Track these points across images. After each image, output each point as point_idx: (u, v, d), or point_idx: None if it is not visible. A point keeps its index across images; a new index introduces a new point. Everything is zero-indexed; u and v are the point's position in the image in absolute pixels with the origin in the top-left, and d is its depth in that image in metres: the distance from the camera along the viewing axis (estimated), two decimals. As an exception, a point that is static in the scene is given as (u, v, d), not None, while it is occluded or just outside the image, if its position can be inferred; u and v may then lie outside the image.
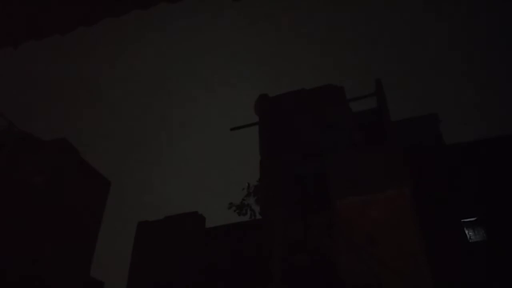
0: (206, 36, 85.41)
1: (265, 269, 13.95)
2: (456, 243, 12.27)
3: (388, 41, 77.00)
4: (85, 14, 5.83)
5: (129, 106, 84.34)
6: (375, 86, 16.44)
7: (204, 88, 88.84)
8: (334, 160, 14.47)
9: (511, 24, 64.50)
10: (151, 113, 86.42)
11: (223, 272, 14.91)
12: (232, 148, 69.42)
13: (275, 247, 14.15)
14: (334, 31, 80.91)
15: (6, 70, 58.15)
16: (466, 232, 12.49)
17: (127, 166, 72.35)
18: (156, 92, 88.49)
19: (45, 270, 17.50)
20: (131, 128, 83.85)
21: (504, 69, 66.23)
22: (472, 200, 12.72)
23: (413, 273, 11.95)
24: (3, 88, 60.47)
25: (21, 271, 16.52)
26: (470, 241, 12.39)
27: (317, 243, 13.33)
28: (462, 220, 12.61)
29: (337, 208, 13.50)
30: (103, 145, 70.36)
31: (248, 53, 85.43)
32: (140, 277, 16.30)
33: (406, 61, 75.55)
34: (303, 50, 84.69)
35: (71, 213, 19.73)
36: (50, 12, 5.41)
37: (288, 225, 14.15)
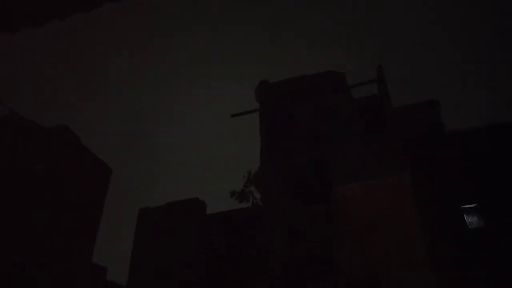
0: (206, 25, 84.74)
1: (266, 258, 14.05)
2: (456, 230, 12.32)
3: (390, 28, 76.31)
4: (84, 0, 5.78)
5: (130, 93, 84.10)
6: (377, 73, 16.35)
7: (205, 76, 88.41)
8: (334, 147, 14.47)
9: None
10: (152, 100, 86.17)
11: (223, 259, 15.02)
12: (233, 135, 69.32)
13: (276, 235, 14.22)
14: (337, 20, 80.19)
15: (7, 57, 57.86)
16: (466, 218, 12.53)
17: (128, 154, 72.46)
18: (157, 79, 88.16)
19: (48, 257, 17.65)
20: (132, 116, 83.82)
21: (505, 58, 65.70)
22: (471, 187, 12.73)
23: (412, 259, 12.04)
24: (4, 75, 60.24)
25: (23, 257, 16.66)
26: (469, 227, 12.44)
27: (317, 232, 13.40)
28: (462, 207, 12.64)
29: (337, 195, 13.55)
30: (104, 133, 70.38)
31: (250, 41, 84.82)
32: (142, 262, 16.44)
33: (408, 48, 74.97)
34: (304, 37, 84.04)
35: (73, 199, 19.84)
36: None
37: (288, 214, 14.20)
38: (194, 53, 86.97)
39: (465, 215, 12.55)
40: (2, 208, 16.91)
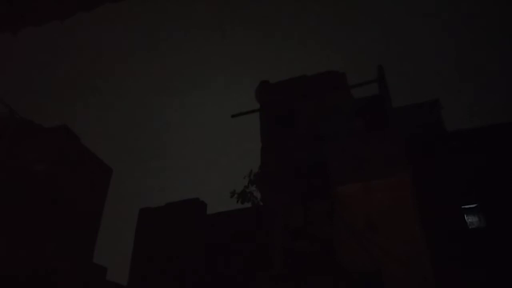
0: (206, 24, 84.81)
1: (266, 256, 14.05)
2: (456, 230, 12.32)
3: (390, 28, 76.38)
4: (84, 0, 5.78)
5: (130, 93, 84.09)
6: (377, 72, 16.33)
7: (205, 76, 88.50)
8: (335, 146, 14.47)
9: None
10: (152, 99, 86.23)
11: (224, 258, 15.02)
12: (234, 136, 69.36)
13: (276, 233, 14.22)
14: (336, 18, 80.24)
15: (7, 56, 57.86)
16: (466, 218, 12.52)
17: (128, 154, 72.47)
18: (157, 80, 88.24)
19: (48, 257, 17.64)
20: (132, 115, 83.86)
21: (505, 56, 65.73)
22: (472, 186, 12.72)
23: (413, 259, 12.04)
24: (4, 75, 60.27)
25: (23, 258, 16.65)
26: (470, 227, 12.43)
27: (317, 230, 13.40)
28: (462, 207, 12.63)
29: (337, 194, 13.54)
30: (104, 132, 70.42)
31: (249, 41, 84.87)
32: (142, 263, 16.44)
33: (408, 47, 75.03)
34: (303, 36, 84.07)
35: (73, 200, 19.82)
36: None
37: (288, 211, 14.20)
38: (194, 52, 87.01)
39: (465, 215, 12.54)
40: (1, 208, 16.91)
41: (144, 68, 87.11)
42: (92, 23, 67.59)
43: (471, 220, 12.54)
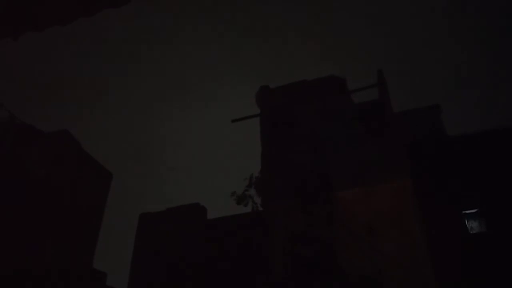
0: (206, 26, 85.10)
1: (266, 260, 14.02)
2: (457, 235, 12.29)
3: (390, 32, 76.58)
4: (85, 5, 5.80)
5: (131, 98, 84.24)
6: (377, 77, 16.36)
7: (205, 80, 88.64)
8: (335, 151, 14.47)
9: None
10: (152, 105, 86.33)
11: (224, 263, 14.98)
12: (234, 141, 69.38)
13: (276, 238, 14.19)
14: (335, 22, 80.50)
15: (8, 61, 58.03)
16: (467, 223, 12.49)
17: (129, 159, 72.45)
18: (157, 84, 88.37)
19: (48, 262, 17.60)
20: (132, 120, 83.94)
21: (506, 60, 65.83)
22: (473, 191, 12.70)
23: (413, 264, 12.00)
24: (4, 79, 60.41)
25: (22, 264, 16.61)
26: (471, 232, 12.40)
27: (318, 234, 13.36)
28: (463, 212, 12.60)
29: (337, 199, 13.52)
30: (104, 137, 70.45)
31: (249, 46, 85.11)
32: (142, 268, 16.39)
33: (408, 52, 75.20)
34: (303, 41, 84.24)
35: (73, 205, 19.80)
36: (49, 3, 5.38)
37: (289, 216, 14.17)
38: (194, 57, 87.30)
39: (466, 220, 12.51)
40: (1, 213, 16.88)
41: (144, 72, 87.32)
42: (93, 28, 67.86)
43: (471, 225, 12.51)
